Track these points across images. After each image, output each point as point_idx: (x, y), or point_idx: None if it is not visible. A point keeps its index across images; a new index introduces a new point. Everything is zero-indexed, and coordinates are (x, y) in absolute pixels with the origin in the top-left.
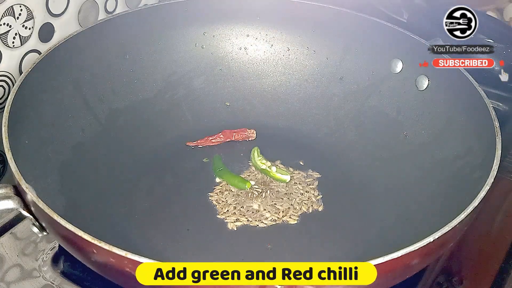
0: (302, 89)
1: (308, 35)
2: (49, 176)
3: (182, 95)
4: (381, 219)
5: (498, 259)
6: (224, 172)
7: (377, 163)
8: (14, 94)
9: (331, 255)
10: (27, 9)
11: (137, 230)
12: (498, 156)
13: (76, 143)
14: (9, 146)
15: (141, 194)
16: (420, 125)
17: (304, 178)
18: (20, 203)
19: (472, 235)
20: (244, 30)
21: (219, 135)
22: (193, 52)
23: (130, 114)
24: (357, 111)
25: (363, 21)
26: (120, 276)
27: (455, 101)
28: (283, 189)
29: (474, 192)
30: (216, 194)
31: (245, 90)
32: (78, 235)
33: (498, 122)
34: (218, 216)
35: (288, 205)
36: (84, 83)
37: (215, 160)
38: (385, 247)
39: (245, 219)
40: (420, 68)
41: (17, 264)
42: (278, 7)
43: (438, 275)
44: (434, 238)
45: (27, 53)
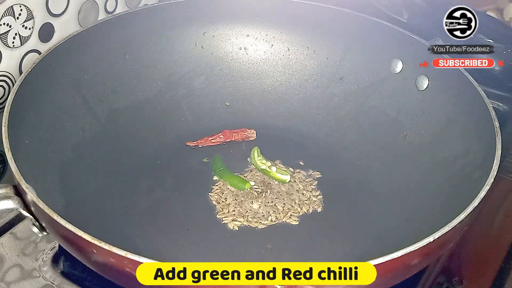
0: (302, 89)
1: (308, 35)
2: (49, 176)
3: (182, 95)
4: (381, 219)
5: (498, 259)
6: (224, 172)
7: (377, 163)
8: (14, 94)
9: (331, 255)
10: (27, 9)
11: (137, 230)
12: (498, 156)
13: (76, 143)
14: (9, 146)
15: (141, 194)
16: (420, 125)
17: (304, 178)
18: (20, 203)
19: (472, 235)
20: (244, 30)
21: (219, 135)
22: (193, 52)
23: (130, 114)
24: (357, 111)
25: (363, 21)
26: (120, 276)
27: (455, 101)
28: (283, 189)
29: (474, 192)
30: (216, 194)
31: (245, 90)
32: (78, 235)
33: (498, 122)
34: (218, 216)
35: (288, 205)
36: (84, 83)
37: (215, 160)
38: (385, 247)
39: (245, 219)
40: (420, 68)
41: (17, 264)
42: (278, 7)
43: (438, 275)
44: (434, 238)
45: (27, 53)
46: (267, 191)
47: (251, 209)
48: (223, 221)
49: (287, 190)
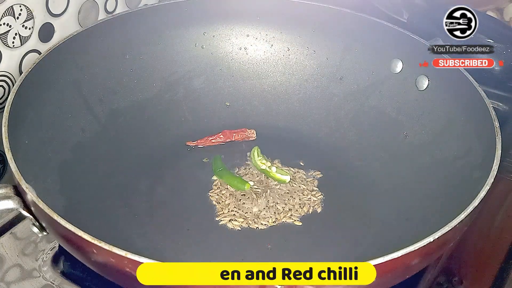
0: (302, 89)
1: (308, 35)
2: (49, 176)
3: (182, 95)
4: (381, 219)
5: (498, 259)
6: (224, 173)
7: (377, 163)
8: (14, 94)
9: (331, 255)
10: (27, 9)
11: (137, 230)
12: (498, 156)
13: (76, 143)
14: (9, 146)
15: (141, 194)
16: (420, 125)
17: (305, 178)
18: (20, 203)
19: (472, 235)
20: (244, 30)
21: (219, 135)
22: (193, 52)
23: (130, 114)
24: (357, 111)
25: (363, 21)
26: (120, 276)
27: (455, 101)
28: (283, 189)
29: (474, 192)
30: (216, 194)
31: (245, 90)
32: (78, 235)
33: (498, 122)
34: (218, 216)
35: (288, 205)
36: (84, 83)
37: (215, 160)
38: (385, 247)
39: (245, 219)
40: (420, 68)
41: (17, 264)
42: (278, 7)
43: (438, 275)
44: (434, 238)
45: (27, 53)
46: (267, 191)
47: (251, 210)
48: (223, 221)
49: (287, 190)
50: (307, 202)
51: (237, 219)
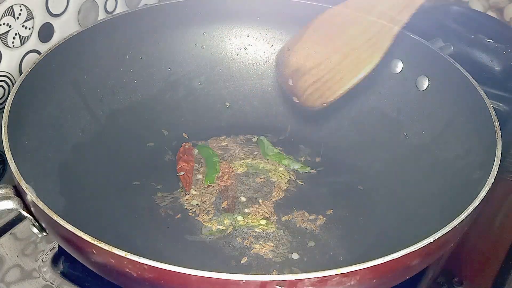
0: None
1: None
2: (49, 176)
3: (182, 95)
4: (381, 219)
5: (498, 259)
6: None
7: (377, 163)
8: (14, 94)
9: (331, 255)
10: (27, 9)
11: (137, 230)
12: (498, 156)
13: (76, 143)
14: (9, 146)
15: (141, 194)
16: (420, 125)
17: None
18: (20, 204)
19: (472, 235)
20: (244, 30)
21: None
22: (193, 52)
23: (130, 114)
24: (357, 111)
25: None
26: (120, 277)
27: (455, 101)
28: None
29: (475, 193)
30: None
31: (245, 90)
32: (78, 236)
33: (498, 122)
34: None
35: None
36: (84, 83)
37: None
38: (385, 247)
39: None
40: (420, 68)
41: (17, 265)
42: (278, 7)
43: (438, 276)
44: (435, 239)
45: (27, 53)
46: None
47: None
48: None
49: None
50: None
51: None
